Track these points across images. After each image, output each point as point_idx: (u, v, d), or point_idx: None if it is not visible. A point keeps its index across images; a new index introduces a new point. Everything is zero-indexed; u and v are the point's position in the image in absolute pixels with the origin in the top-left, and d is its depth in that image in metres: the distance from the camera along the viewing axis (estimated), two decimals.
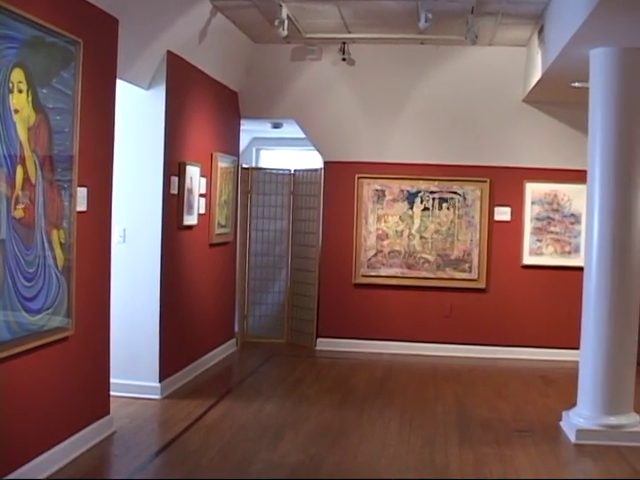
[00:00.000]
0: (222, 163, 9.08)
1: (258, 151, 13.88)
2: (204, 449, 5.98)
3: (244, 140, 11.86)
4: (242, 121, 10.24)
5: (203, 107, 8.56)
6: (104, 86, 6.02)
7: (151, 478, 5.41)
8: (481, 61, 9.49)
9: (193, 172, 8.05)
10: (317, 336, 10.36)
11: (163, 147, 7.36)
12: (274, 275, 10.82)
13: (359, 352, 10.01)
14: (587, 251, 6.72)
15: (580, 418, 6.60)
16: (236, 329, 10.30)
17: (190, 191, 7.98)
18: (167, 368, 7.58)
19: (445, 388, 8.35)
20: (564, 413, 6.94)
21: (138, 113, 7.31)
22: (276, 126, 11.67)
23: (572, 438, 6.50)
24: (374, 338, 10.19)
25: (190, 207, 8.01)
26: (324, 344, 10.28)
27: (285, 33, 7.78)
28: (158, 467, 5.67)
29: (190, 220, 8.05)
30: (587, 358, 6.67)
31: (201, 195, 8.37)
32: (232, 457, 5.85)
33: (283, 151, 13.67)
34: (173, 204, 7.64)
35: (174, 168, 7.63)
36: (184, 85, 7.89)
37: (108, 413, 6.25)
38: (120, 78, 6.40)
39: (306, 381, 8.53)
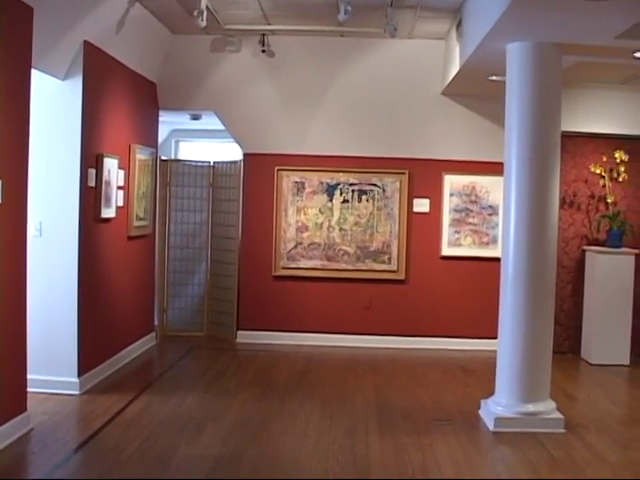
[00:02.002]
0: (140, 155, 8.98)
1: (177, 143, 13.75)
2: (124, 444, 5.92)
3: (163, 132, 11.75)
4: (161, 112, 10.13)
5: (121, 98, 8.45)
6: (18, 76, 5.90)
7: (70, 477, 5.30)
8: (400, 54, 9.58)
9: (111, 164, 7.95)
10: (237, 329, 10.33)
11: (80, 139, 7.24)
12: (194, 268, 10.75)
13: (279, 344, 10.02)
14: (504, 242, 6.84)
15: (498, 406, 6.73)
16: (156, 322, 10.22)
17: (108, 183, 7.88)
18: (86, 363, 7.47)
19: (365, 379, 8.41)
20: (483, 402, 7.06)
21: (54, 104, 7.17)
22: (195, 118, 11.59)
23: (490, 426, 6.63)
24: (294, 330, 10.21)
25: (108, 200, 7.91)
26: (244, 337, 10.26)
27: (204, 24, 7.71)
28: (77, 464, 5.57)
29: (108, 213, 7.95)
30: (504, 347, 6.80)
31: (119, 187, 8.27)
32: (152, 451, 5.80)
33: (202, 143, 13.56)
34: (91, 197, 7.53)
35: (91, 160, 7.52)
36: (101, 76, 7.77)
37: (25, 410, 6.13)
38: (35, 68, 6.28)
39: (226, 374, 8.51)
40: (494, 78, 8.15)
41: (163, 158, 10.68)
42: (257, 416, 6.86)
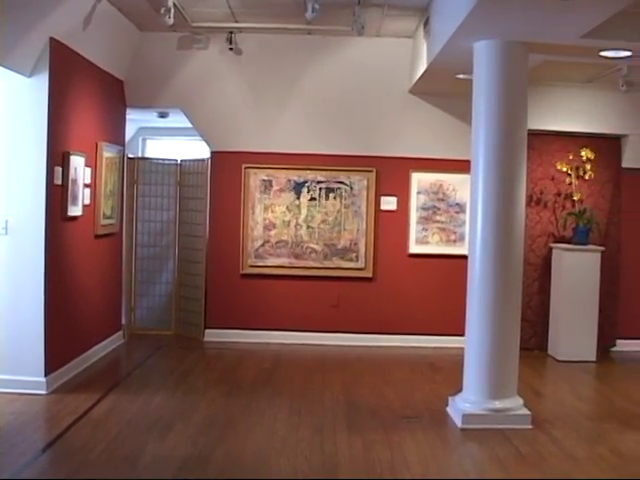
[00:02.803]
0: (107, 153, 8.92)
1: (144, 141, 13.65)
2: (91, 444, 5.88)
3: (130, 130, 11.66)
4: (128, 110, 10.06)
5: (88, 96, 8.39)
6: None
7: (37, 477, 5.25)
8: (368, 52, 9.60)
9: (77, 162, 7.89)
10: (205, 327, 10.30)
11: (46, 136, 7.17)
12: (161, 266, 10.70)
13: (247, 342, 10.01)
14: (471, 239, 6.87)
15: (466, 403, 6.76)
16: (123, 321, 10.16)
17: (74, 181, 7.82)
18: (53, 362, 7.42)
19: (333, 377, 8.41)
20: (450, 398, 7.10)
21: (19, 101, 7.11)
22: (162, 115, 11.53)
23: (458, 423, 6.66)
24: (262, 328, 10.20)
25: (75, 198, 7.85)
26: (212, 335, 10.23)
27: (171, 21, 7.67)
28: (45, 464, 5.53)
29: (75, 211, 7.89)
30: (472, 344, 6.84)
31: (86, 185, 8.21)
32: (120, 451, 5.77)
33: (170, 141, 13.49)
34: (57, 195, 7.47)
35: (58, 158, 7.46)
36: (68, 73, 7.71)
37: None
38: (0, 65, 6.21)
39: (194, 372, 8.49)
40: (461, 76, 8.19)
41: (130, 156, 10.62)
42: (225, 414, 6.84)
